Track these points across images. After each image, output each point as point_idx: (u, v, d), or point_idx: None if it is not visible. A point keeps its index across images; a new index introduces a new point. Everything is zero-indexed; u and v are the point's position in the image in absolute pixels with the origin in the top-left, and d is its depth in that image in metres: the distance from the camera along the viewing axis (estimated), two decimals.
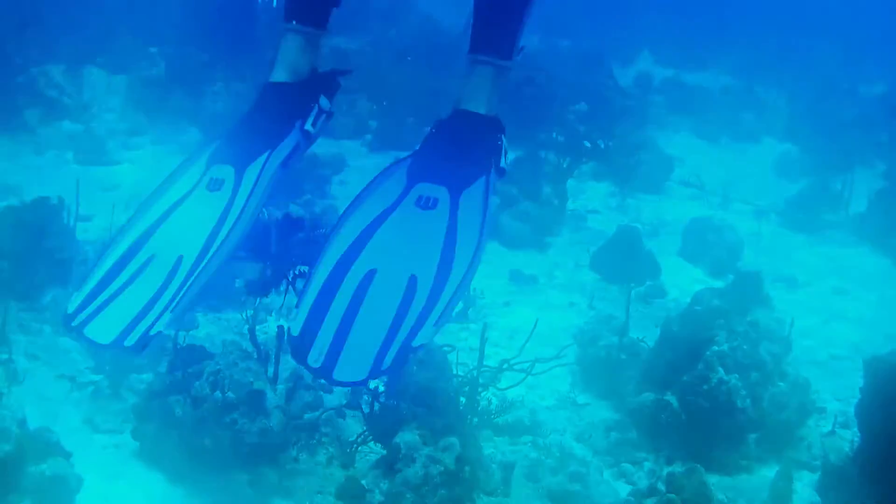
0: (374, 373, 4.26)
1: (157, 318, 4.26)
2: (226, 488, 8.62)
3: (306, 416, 9.58)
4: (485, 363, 9.40)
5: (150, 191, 4.86)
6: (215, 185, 4.71)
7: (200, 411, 8.55)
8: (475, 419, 9.14)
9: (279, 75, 5.08)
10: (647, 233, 14.82)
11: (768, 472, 9.46)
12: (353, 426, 9.44)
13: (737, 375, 9.64)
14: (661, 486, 8.23)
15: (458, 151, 4.86)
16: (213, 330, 11.33)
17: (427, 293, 4.36)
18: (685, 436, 9.77)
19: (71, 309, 4.40)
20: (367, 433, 8.96)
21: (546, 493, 8.94)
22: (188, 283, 4.36)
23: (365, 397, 8.97)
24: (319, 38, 5.22)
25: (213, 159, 4.85)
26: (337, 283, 4.42)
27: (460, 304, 11.99)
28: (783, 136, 21.32)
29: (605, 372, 10.70)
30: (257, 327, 9.62)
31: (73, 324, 4.35)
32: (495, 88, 5.03)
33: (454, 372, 9.25)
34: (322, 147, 15.32)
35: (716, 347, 9.74)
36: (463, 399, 8.89)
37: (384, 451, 8.65)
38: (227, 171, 4.75)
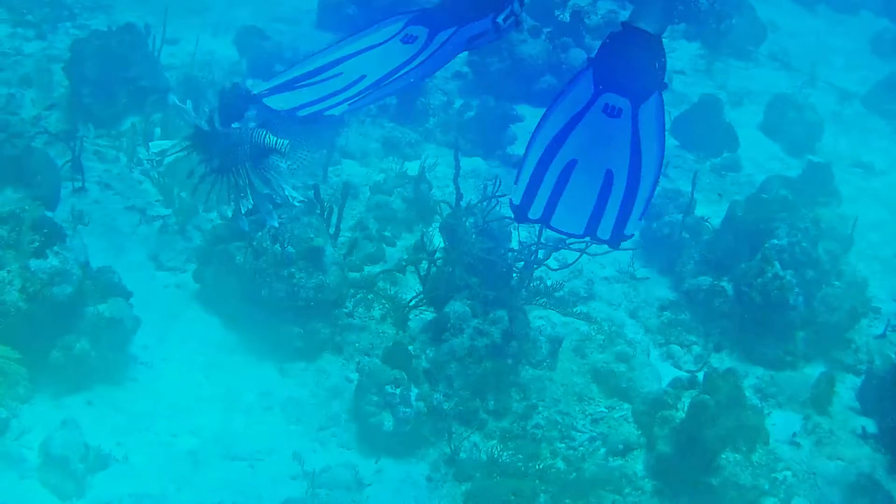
0: (590, 233, 5.08)
1: (335, 105, 5.29)
2: (278, 338, 8.84)
3: (366, 268, 9.76)
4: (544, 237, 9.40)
5: (343, 36, 5.76)
6: (409, 39, 5.57)
7: (260, 262, 8.73)
8: (526, 293, 9.19)
9: None
10: (730, 101, 14.74)
11: (812, 371, 9.58)
12: (413, 283, 9.63)
13: (792, 272, 9.68)
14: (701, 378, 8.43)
15: (635, 66, 5.40)
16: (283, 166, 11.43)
17: (623, 188, 5.12)
18: (736, 325, 9.87)
19: (255, 90, 5.41)
20: (421, 295, 9.12)
21: (590, 369, 9.12)
22: (362, 94, 5.33)
23: (424, 263, 9.12)
24: None
25: (409, 22, 5.67)
26: (545, 165, 5.17)
27: None
28: (881, 10, 20.69)
29: (666, 249, 10.73)
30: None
31: (253, 91, 5.34)
32: (662, 10, 5.64)
33: (513, 245, 9.37)
34: None
35: (775, 241, 9.78)
36: (515, 274, 8.94)
37: (436, 315, 8.84)
38: (420, 31, 5.58)
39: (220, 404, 8.35)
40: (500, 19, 5.62)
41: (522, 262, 9.03)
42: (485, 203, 9.25)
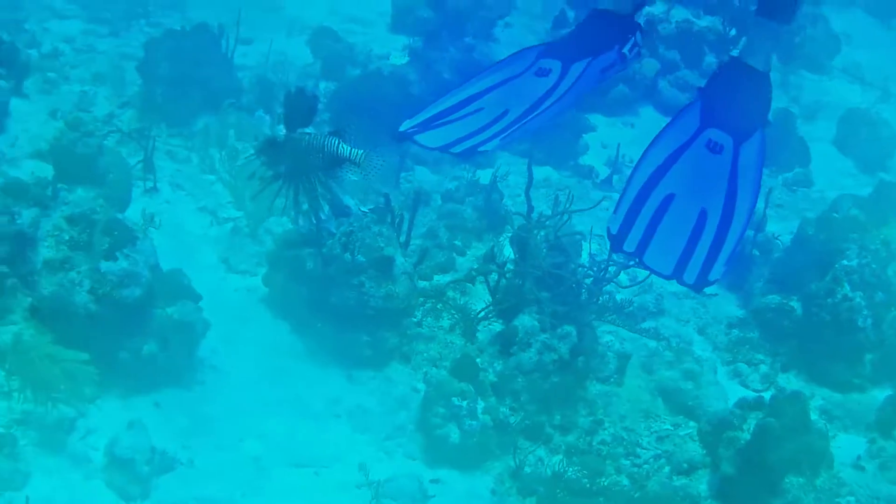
0: (676, 276, 5.03)
1: (486, 140, 5.37)
2: (347, 346, 8.85)
3: (436, 277, 9.77)
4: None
5: (481, 70, 5.81)
6: (542, 72, 5.61)
7: (330, 269, 8.74)
8: (596, 309, 9.18)
9: (606, 4, 5.85)
10: (803, 115, 14.61)
11: (879, 395, 9.45)
12: (482, 293, 9.60)
13: (861, 293, 9.59)
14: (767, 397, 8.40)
15: (740, 103, 5.39)
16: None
17: (714, 230, 5.07)
18: (804, 345, 9.80)
19: (402, 128, 5.56)
20: (490, 307, 9.11)
21: (658, 386, 9.09)
22: (510, 129, 5.38)
23: (493, 274, 9.12)
24: None
25: (541, 55, 5.72)
26: (645, 196, 5.14)
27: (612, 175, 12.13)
28: None
29: (735, 265, 10.64)
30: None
31: (401, 129, 5.53)
32: (772, 48, 5.62)
33: (583, 259, 9.37)
34: None
35: (845, 262, 9.70)
36: (585, 291, 8.92)
37: (504, 327, 8.84)
38: (554, 64, 5.62)
39: (287, 410, 8.36)
40: (625, 50, 5.69)
41: (591, 278, 8.98)
42: (556, 217, 9.22)
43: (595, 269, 9.18)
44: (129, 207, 9.81)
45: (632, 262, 9.12)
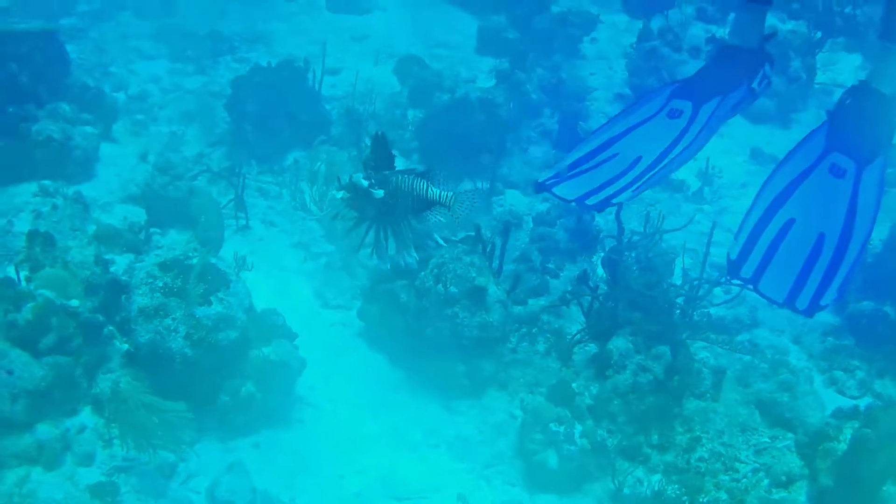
0: (789, 303, 5.27)
1: (619, 191, 5.50)
2: (443, 376, 8.89)
3: (530, 301, 9.76)
4: (707, 268, 9.33)
5: (615, 114, 6.04)
6: (675, 113, 5.82)
7: (423, 301, 8.79)
8: (690, 327, 9.13)
9: (734, 39, 6.14)
10: None
11: None
12: (576, 315, 9.60)
13: None
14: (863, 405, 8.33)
15: (866, 127, 5.62)
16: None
17: (831, 254, 5.26)
18: None
19: (541, 178, 5.75)
20: (584, 330, 9.09)
21: (754, 399, 9.02)
22: (643, 177, 5.52)
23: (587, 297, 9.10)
24: (766, 13, 6.26)
25: (673, 95, 5.93)
26: (766, 223, 5.38)
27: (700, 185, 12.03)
28: None
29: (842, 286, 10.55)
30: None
31: (541, 181, 5.70)
32: None
33: (675, 279, 9.33)
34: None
35: None
36: (678, 311, 8.88)
37: (598, 349, 8.81)
38: (685, 105, 5.85)
39: (386, 443, 8.42)
40: (755, 84, 5.85)
41: (682, 298, 8.94)
42: (647, 237, 9.18)
43: (687, 287, 9.09)
44: (222, 247, 9.90)
45: (730, 280, 9.12)
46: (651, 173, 5.52)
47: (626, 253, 9.06)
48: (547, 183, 5.63)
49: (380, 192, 5.57)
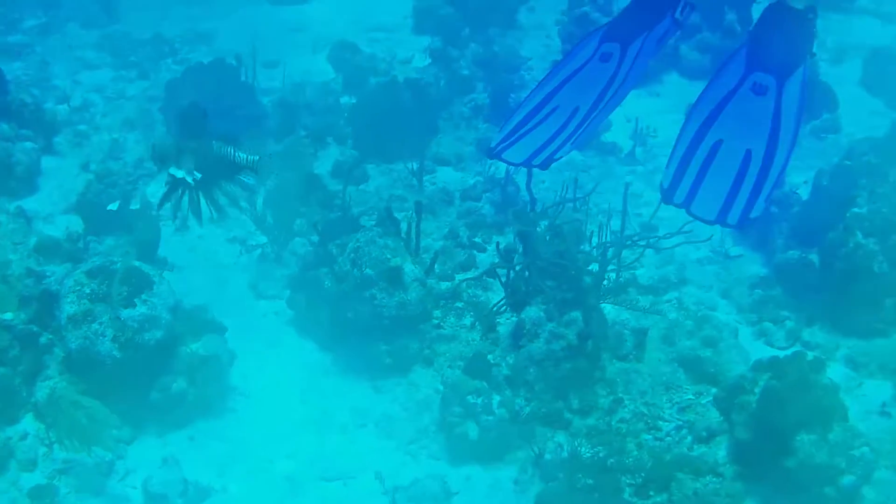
0: (720, 220, 5.34)
1: (560, 147, 5.54)
2: (370, 357, 9.18)
3: (458, 277, 10.05)
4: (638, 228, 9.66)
5: (557, 61, 5.98)
6: (605, 57, 5.77)
7: (343, 286, 9.08)
8: (605, 292, 9.39)
9: None
10: (829, 59, 14.59)
11: None
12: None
13: (875, 239, 9.64)
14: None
15: (782, 43, 5.46)
16: (383, 182, 11.79)
17: (758, 169, 5.31)
18: (825, 297, 9.87)
19: (493, 144, 5.72)
20: (503, 301, 9.37)
21: (678, 357, 9.23)
22: (580, 129, 5.58)
23: (500, 271, 9.36)
24: None
25: (603, 38, 5.82)
26: (694, 148, 5.43)
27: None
28: None
29: (757, 224, 10.74)
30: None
31: (493, 149, 5.69)
32: None
33: (589, 240, 9.60)
34: None
35: (856, 209, 9.75)
36: (587, 278, 9.14)
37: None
38: (614, 47, 5.77)
39: (315, 426, 8.73)
40: (677, 14, 5.79)
41: (596, 264, 9.20)
42: (557, 206, 9.45)
43: (598, 252, 9.35)
44: (159, 248, 10.20)
45: (629, 243, 9.36)
46: (586, 123, 5.62)
47: (537, 223, 9.29)
48: (498, 149, 5.72)
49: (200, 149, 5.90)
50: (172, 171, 5.96)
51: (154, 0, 16.48)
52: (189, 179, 5.95)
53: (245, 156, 6.00)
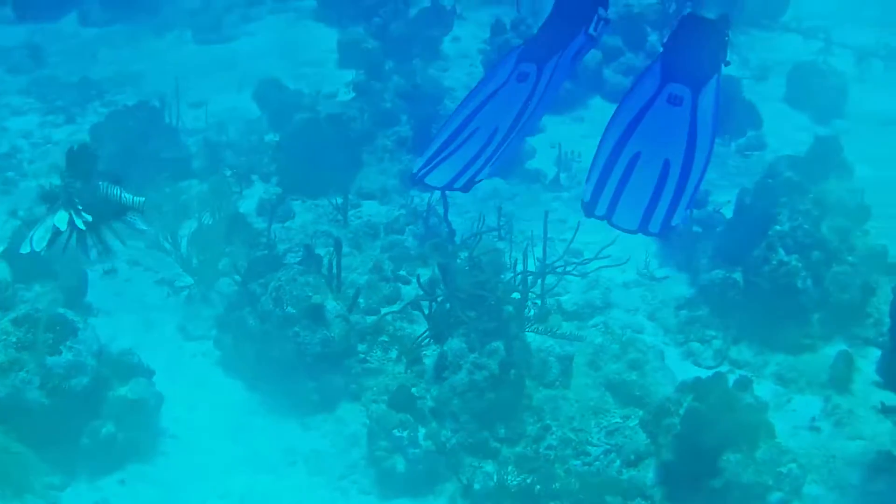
0: (642, 229, 5.51)
1: (480, 169, 5.77)
2: (297, 395, 9.21)
3: (382, 310, 10.11)
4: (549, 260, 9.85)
5: (477, 81, 6.21)
6: (522, 76, 6.01)
7: (266, 325, 9.15)
8: (526, 321, 9.46)
9: None
10: (754, 76, 14.77)
11: (832, 351, 9.66)
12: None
13: (797, 256, 9.82)
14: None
15: (695, 54, 5.71)
16: (308, 218, 11.85)
17: (676, 178, 5.50)
18: (751, 315, 9.99)
19: (415, 169, 5.92)
20: (427, 334, 9.45)
21: (605, 381, 9.31)
22: (499, 150, 5.80)
23: (423, 303, 9.43)
24: None
25: (521, 57, 6.10)
26: (613, 161, 5.60)
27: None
28: None
29: (681, 245, 10.88)
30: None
31: (416, 174, 5.87)
32: None
33: (513, 268, 9.70)
34: None
35: (777, 227, 9.91)
36: (510, 308, 9.21)
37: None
38: (530, 67, 6.02)
39: (246, 466, 8.73)
40: (591, 30, 6.04)
41: (517, 294, 9.28)
42: (476, 236, 9.53)
43: (518, 280, 9.44)
44: (87, 294, 10.23)
45: (548, 270, 9.45)
46: (504, 144, 5.82)
47: (456, 255, 9.37)
48: (420, 174, 5.88)
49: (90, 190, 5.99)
50: (60, 212, 6.03)
51: (83, 44, 16.53)
52: (77, 221, 6.01)
53: (131, 196, 6.11)
